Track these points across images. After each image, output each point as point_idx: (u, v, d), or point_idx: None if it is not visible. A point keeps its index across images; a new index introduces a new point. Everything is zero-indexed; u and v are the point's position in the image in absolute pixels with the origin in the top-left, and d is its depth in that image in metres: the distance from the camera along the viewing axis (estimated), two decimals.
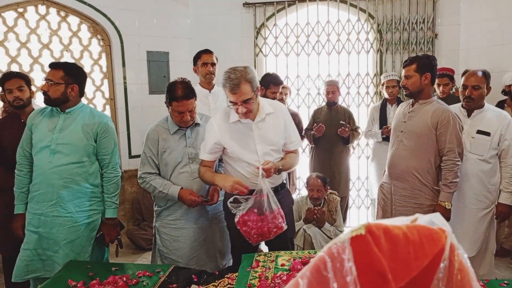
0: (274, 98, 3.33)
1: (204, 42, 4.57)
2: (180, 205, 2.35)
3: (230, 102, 2.04)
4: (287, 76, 4.62)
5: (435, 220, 0.57)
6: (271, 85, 3.42)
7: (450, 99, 3.54)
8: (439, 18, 4.29)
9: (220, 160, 2.52)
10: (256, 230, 1.99)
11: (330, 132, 3.76)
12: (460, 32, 4.26)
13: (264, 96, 3.33)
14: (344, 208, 4.03)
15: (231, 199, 2.03)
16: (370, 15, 4.41)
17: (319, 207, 3.13)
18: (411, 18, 4.29)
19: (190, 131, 2.38)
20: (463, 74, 2.77)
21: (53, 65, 2.31)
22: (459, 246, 0.55)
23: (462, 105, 2.72)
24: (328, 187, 3.29)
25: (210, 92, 3.25)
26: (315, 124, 3.84)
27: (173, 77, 4.43)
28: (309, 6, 4.50)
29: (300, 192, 4.56)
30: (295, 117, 4.13)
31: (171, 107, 2.27)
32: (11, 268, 2.35)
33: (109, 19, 4.13)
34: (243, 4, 4.58)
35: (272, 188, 2.08)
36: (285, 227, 2.05)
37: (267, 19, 4.59)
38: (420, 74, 2.43)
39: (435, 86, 3.71)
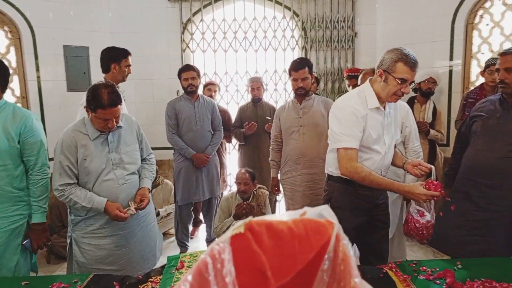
0: (188, 86, 3.51)
1: (128, 36, 4.39)
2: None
3: (401, 79, 1.90)
4: (215, 72, 4.59)
5: (324, 212, 0.58)
6: (182, 73, 3.55)
7: None
8: (358, 18, 4.53)
9: (144, 160, 2.44)
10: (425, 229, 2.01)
11: (257, 128, 3.80)
12: (376, 32, 4.54)
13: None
14: (274, 202, 4.10)
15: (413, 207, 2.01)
16: (295, 13, 4.53)
17: (247, 202, 3.15)
18: (333, 17, 4.48)
19: (112, 135, 2.23)
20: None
21: None
22: (345, 237, 0.56)
23: None
24: (257, 182, 3.33)
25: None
26: (246, 122, 3.84)
27: (94, 73, 4.24)
28: (235, 3, 4.50)
29: (231, 189, 4.57)
30: (225, 114, 4.13)
31: (94, 114, 2.09)
32: None
33: (17, 9, 3.77)
34: None
35: None
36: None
37: (194, 14, 4.51)
38: None
39: (347, 86, 3.96)
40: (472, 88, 3.83)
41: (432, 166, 2.03)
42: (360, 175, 1.94)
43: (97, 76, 2.19)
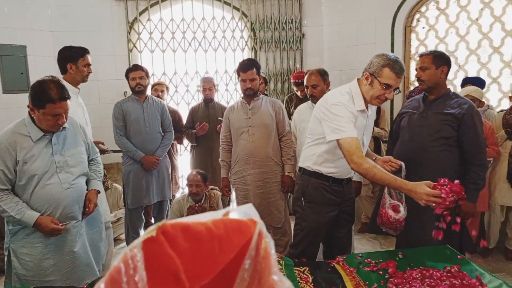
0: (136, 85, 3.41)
1: (70, 35, 4.20)
2: None
3: (386, 84, 1.96)
4: (164, 73, 4.51)
5: (248, 211, 0.59)
6: (130, 73, 3.47)
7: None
8: (305, 20, 4.64)
9: (90, 161, 2.35)
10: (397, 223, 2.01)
11: (209, 129, 3.78)
12: (323, 33, 4.68)
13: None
14: (227, 203, 4.10)
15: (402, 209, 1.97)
16: (243, 13, 4.55)
17: (199, 204, 3.13)
18: (281, 18, 4.56)
19: (57, 136, 2.12)
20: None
21: None
22: (267, 234, 0.57)
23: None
24: (209, 183, 3.31)
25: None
26: (197, 123, 3.80)
27: (33, 74, 4.01)
28: (183, 2, 4.44)
29: (183, 191, 4.51)
30: (175, 115, 4.07)
31: (42, 110, 1.98)
32: None
33: None
34: None
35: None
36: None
37: (140, 13, 4.40)
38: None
39: (295, 90, 4.02)
40: (412, 87, 4.06)
41: (402, 163, 2.09)
42: (364, 166, 1.92)
43: (36, 76, 2.06)
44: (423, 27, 4.19)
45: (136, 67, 3.47)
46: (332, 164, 2.16)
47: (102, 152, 2.97)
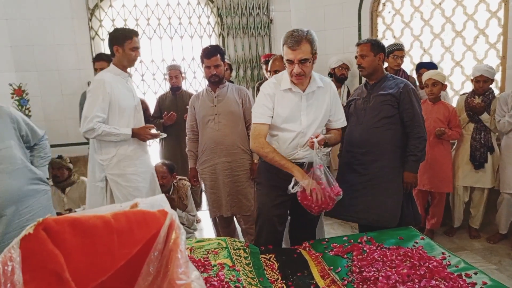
0: None
1: (26, 23, 4.01)
2: None
3: (287, 61, 2.04)
4: None
5: (160, 202, 0.55)
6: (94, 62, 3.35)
7: None
8: (272, 5, 4.57)
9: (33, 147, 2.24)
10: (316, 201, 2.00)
11: (177, 117, 3.70)
12: (291, 18, 4.63)
13: None
14: (199, 193, 4.06)
15: (292, 185, 2.02)
16: None
17: (167, 195, 3.07)
18: (248, 3, 4.47)
19: None
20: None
21: None
22: (179, 226, 0.54)
23: None
24: (176, 174, 3.25)
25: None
26: (165, 112, 3.70)
27: None
28: None
29: None
30: (142, 104, 3.94)
31: None
32: None
33: None
34: None
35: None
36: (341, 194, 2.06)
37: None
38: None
39: (265, 72, 3.99)
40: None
41: (315, 140, 2.07)
42: (264, 150, 2.11)
43: None
44: (389, 12, 4.21)
45: (98, 57, 3.34)
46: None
47: (155, 136, 2.83)
